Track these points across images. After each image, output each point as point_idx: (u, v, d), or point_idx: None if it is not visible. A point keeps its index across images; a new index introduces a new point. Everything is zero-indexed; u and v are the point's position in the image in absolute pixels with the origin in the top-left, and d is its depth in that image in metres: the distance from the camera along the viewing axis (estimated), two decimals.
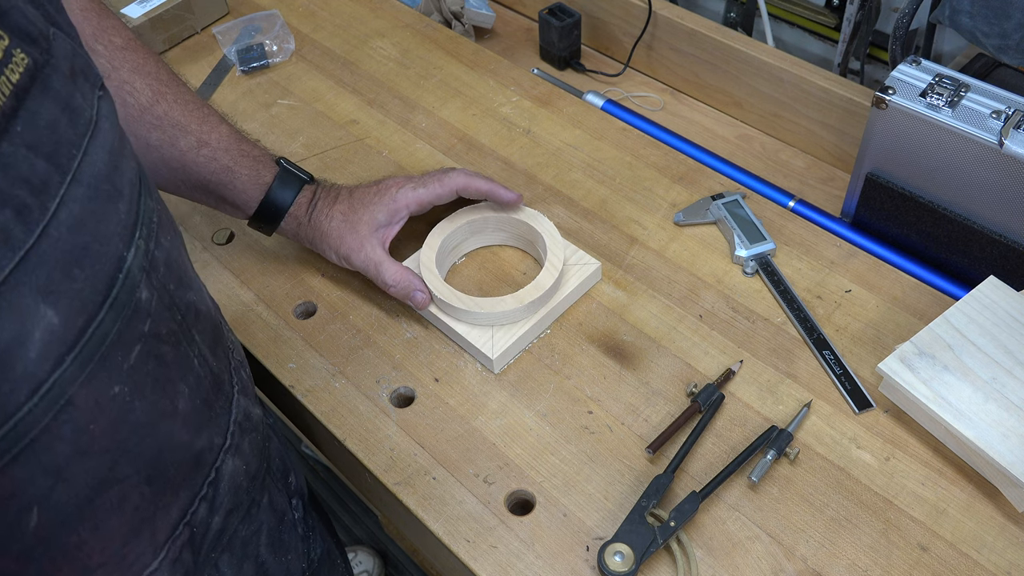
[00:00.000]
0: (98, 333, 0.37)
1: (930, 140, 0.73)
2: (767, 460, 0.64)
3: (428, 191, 0.75)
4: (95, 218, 0.37)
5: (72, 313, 0.36)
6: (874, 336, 0.73)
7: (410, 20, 1.08)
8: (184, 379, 0.45)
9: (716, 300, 0.76)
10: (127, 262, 0.39)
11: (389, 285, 0.73)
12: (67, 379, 0.36)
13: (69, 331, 0.36)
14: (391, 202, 0.74)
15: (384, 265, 0.73)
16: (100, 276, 0.38)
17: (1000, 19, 0.74)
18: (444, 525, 0.63)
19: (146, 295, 0.41)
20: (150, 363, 0.42)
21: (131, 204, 0.41)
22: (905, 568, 0.60)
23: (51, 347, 0.35)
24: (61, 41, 0.37)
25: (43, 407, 0.35)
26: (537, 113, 0.95)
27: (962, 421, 0.62)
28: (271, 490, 0.59)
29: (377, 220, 0.74)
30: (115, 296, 0.38)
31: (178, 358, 0.45)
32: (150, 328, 0.42)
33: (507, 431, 0.68)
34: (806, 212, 0.86)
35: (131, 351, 0.40)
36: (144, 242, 0.41)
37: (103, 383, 0.38)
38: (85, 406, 0.37)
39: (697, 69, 1.01)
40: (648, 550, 0.59)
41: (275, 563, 0.59)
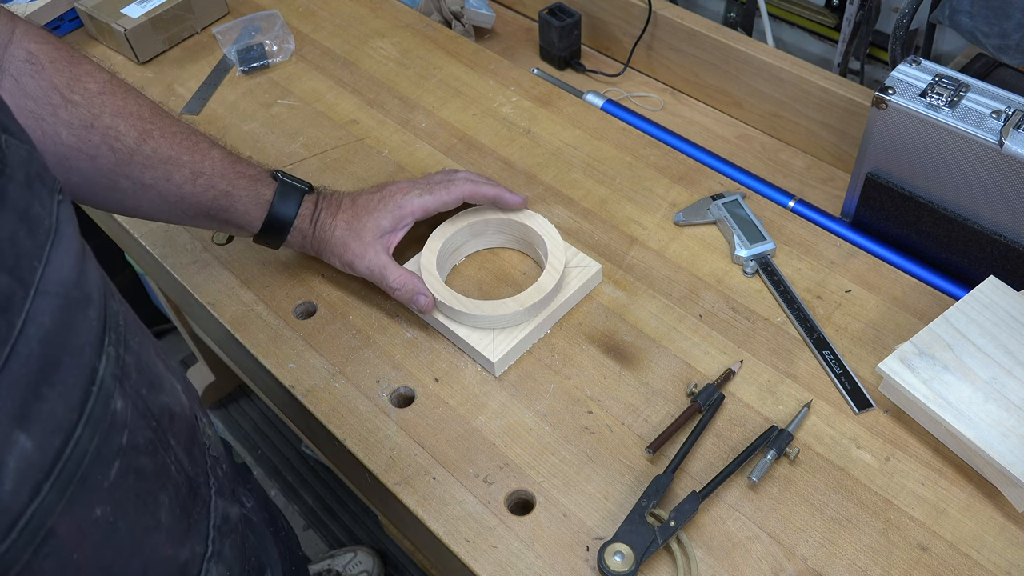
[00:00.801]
0: (75, 453, 0.35)
1: (930, 140, 0.73)
2: (767, 460, 0.64)
3: (435, 199, 0.75)
4: (66, 329, 0.35)
5: (47, 436, 0.34)
6: (874, 336, 0.73)
7: (410, 20, 1.08)
8: (164, 489, 0.43)
9: (716, 300, 0.76)
10: (99, 372, 0.37)
11: (394, 289, 0.72)
12: (46, 508, 0.34)
13: (45, 456, 0.34)
14: (396, 208, 0.74)
15: (388, 269, 0.72)
16: (74, 391, 0.35)
17: (1000, 19, 0.74)
18: (444, 525, 0.63)
19: (121, 404, 0.39)
20: (130, 478, 0.40)
21: (99, 309, 0.39)
22: (905, 568, 0.60)
23: (27, 476, 0.33)
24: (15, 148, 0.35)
25: (23, 542, 0.33)
26: (537, 113, 0.95)
27: (962, 421, 0.62)
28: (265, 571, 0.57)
29: (382, 227, 0.73)
30: (90, 410, 0.36)
31: (157, 468, 0.43)
32: (127, 440, 0.39)
33: (507, 431, 0.68)
34: (806, 212, 0.86)
35: (110, 468, 0.38)
36: (114, 348, 0.39)
37: (84, 507, 0.36)
38: (67, 535, 0.35)
39: (697, 69, 1.01)
40: (648, 550, 0.59)
41: None
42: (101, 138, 0.63)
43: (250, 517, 0.61)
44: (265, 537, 0.64)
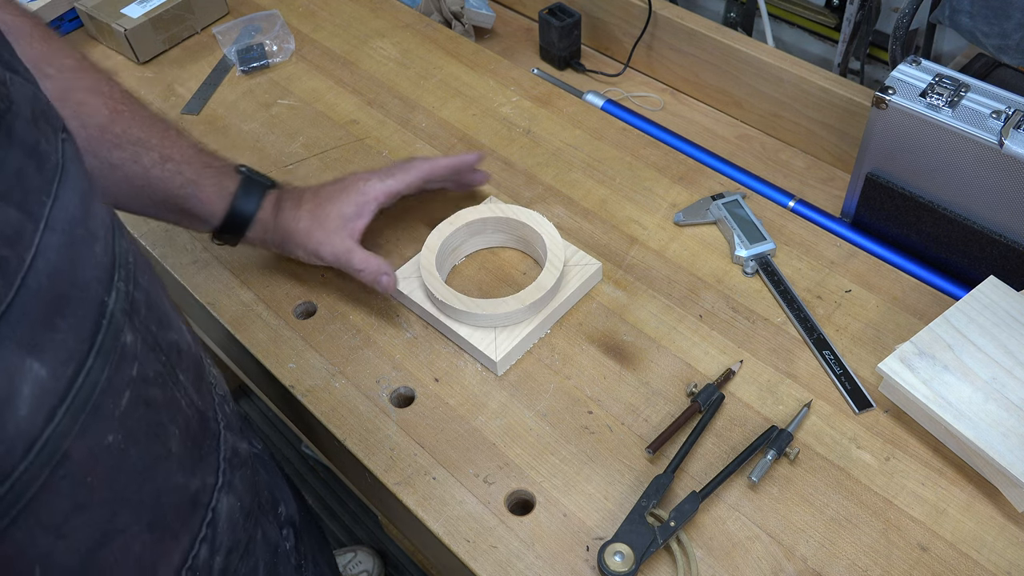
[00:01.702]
0: (87, 382, 0.36)
1: (930, 140, 0.73)
2: (767, 460, 0.64)
3: (396, 181, 0.76)
4: (73, 265, 0.36)
5: (59, 364, 0.35)
6: (874, 336, 0.73)
7: (410, 20, 1.08)
8: (174, 421, 0.44)
9: (716, 300, 0.76)
10: (109, 307, 0.38)
11: (358, 270, 0.73)
12: (61, 433, 0.35)
13: (58, 383, 0.35)
14: (359, 195, 0.75)
15: (353, 252, 0.73)
16: (84, 324, 0.37)
17: (1000, 19, 0.74)
18: (444, 525, 0.63)
19: (131, 339, 0.40)
20: (140, 408, 0.41)
21: (107, 247, 0.40)
22: (905, 568, 0.60)
23: (42, 401, 0.34)
24: (20, 86, 0.36)
25: (39, 464, 0.34)
26: (537, 113, 0.95)
27: (962, 421, 0.62)
28: (264, 524, 0.58)
29: (345, 214, 0.74)
30: (100, 343, 0.37)
31: (166, 401, 0.44)
32: (137, 372, 0.41)
33: (507, 431, 0.68)
34: (806, 212, 0.86)
35: (121, 398, 0.39)
36: (123, 284, 0.40)
37: (97, 433, 0.37)
38: (81, 459, 0.37)
39: (697, 69, 1.01)
40: (648, 550, 0.59)
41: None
42: (72, 112, 0.64)
43: (261, 455, 0.62)
44: (277, 475, 0.65)
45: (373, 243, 0.82)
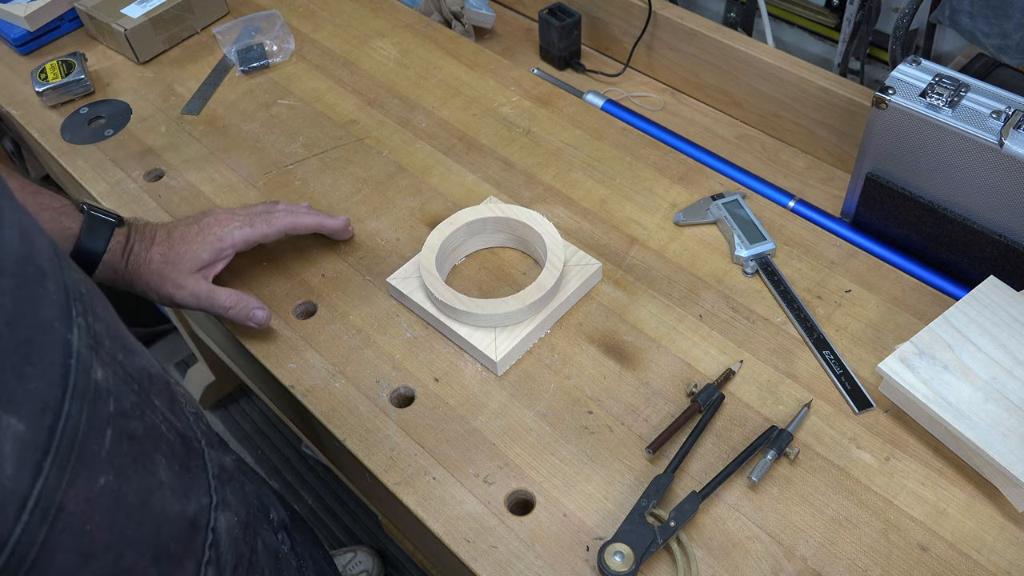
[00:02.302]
0: (68, 428, 0.35)
1: (930, 140, 0.73)
2: (767, 460, 0.64)
3: (255, 231, 0.75)
4: (29, 306, 0.35)
5: (36, 415, 0.34)
6: (874, 336, 0.73)
7: (410, 20, 1.08)
8: (158, 449, 0.44)
9: (716, 300, 0.76)
10: (73, 344, 0.37)
11: (227, 308, 0.72)
12: (51, 486, 0.34)
13: (39, 435, 0.34)
14: (216, 241, 0.73)
15: (216, 293, 0.72)
16: (53, 367, 0.35)
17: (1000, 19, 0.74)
18: (444, 525, 0.63)
19: (101, 374, 0.39)
20: (124, 444, 0.40)
21: (58, 282, 0.38)
22: (905, 568, 0.60)
23: (25, 458, 0.33)
24: None
25: (36, 522, 0.33)
26: (537, 113, 0.95)
27: (962, 421, 0.62)
28: (262, 534, 0.58)
29: (201, 259, 0.72)
30: (73, 384, 0.36)
31: (147, 430, 0.43)
32: (115, 408, 0.40)
33: (507, 431, 0.68)
34: (806, 212, 0.86)
35: (104, 437, 0.38)
36: (83, 319, 0.39)
37: (87, 479, 0.36)
38: (76, 508, 0.36)
39: (697, 69, 1.01)
40: (648, 550, 0.59)
41: None
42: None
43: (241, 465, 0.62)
44: (260, 482, 0.65)
45: (374, 243, 0.82)
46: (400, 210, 0.85)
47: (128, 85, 1.02)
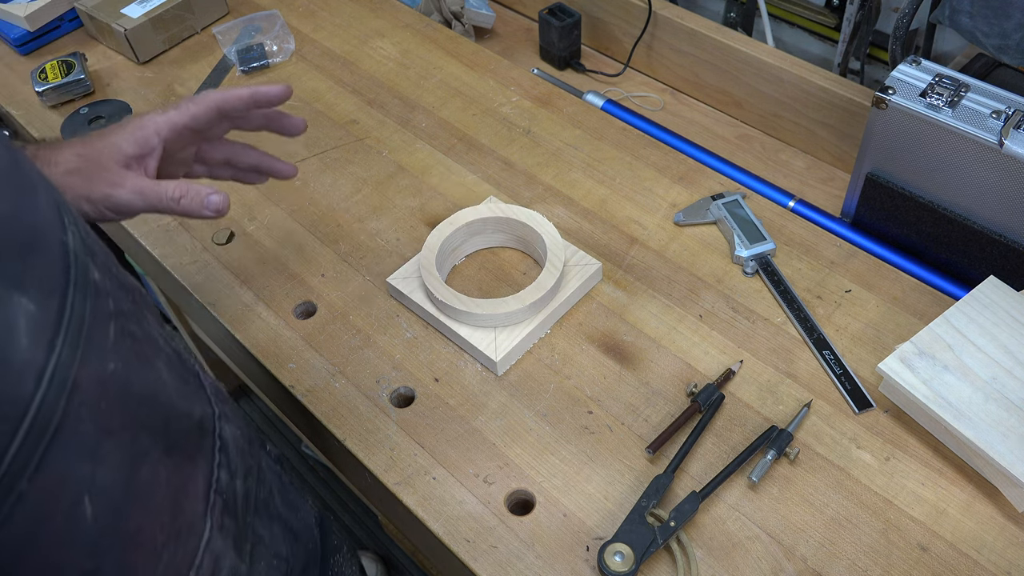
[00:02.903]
0: (75, 315, 0.38)
1: (930, 140, 0.73)
2: (767, 460, 0.64)
3: (180, 112, 0.66)
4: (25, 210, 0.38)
5: (44, 298, 0.36)
6: (874, 336, 0.73)
7: (410, 20, 1.08)
8: (158, 356, 0.46)
9: (716, 300, 0.76)
10: (69, 246, 0.40)
11: (178, 199, 0.64)
12: (65, 362, 0.36)
13: (49, 315, 0.36)
14: (137, 129, 0.65)
15: (162, 184, 0.64)
16: (54, 261, 0.38)
17: (1000, 19, 0.74)
18: (444, 525, 0.63)
19: (98, 276, 0.41)
20: (127, 340, 0.42)
21: (48, 195, 0.40)
22: (905, 568, 0.60)
23: (38, 334, 0.35)
24: None
25: (54, 393, 0.35)
26: (537, 113, 0.95)
27: (962, 421, 0.62)
28: (263, 456, 0.60)
29: (123, 151, 0.64)
30: (74, 278, 0.39)
31: (144, 335, 0.45)
32: (114, 307, 0.42)
33: (507, 431, 0.68)
34: (806, 212, 0.86)
35: (108, 329, 0.40)
36: (74, 227, 0.41)
37: (98, 362, 0.39)
38: (90, 386, 0.38)
39: (697, 69, 1.01)
40: (648, 550, 0.59)
41: (295, 520, 0.61)
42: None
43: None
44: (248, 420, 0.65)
45: (374, 243, 0.82)
46: (400, 210, 0.85)
47: (128, 85, 1.02)
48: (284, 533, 0.59)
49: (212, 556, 0.48)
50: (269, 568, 0.55)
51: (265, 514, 0.56)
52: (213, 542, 0.48)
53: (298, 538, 0.61)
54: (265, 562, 0.55)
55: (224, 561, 0.49)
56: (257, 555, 0.54)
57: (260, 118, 0.73)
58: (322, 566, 0.65)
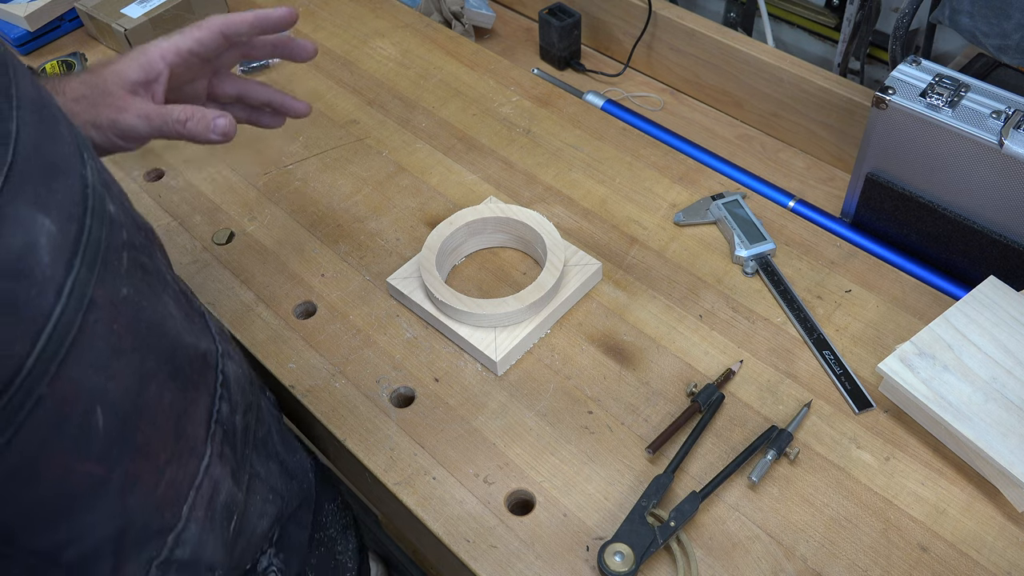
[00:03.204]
0: (91, 240, 0.40)
1: (930, 140, 0.73)
2: (767, 460, 0.64)
3: (184, 37, 0.66)
4: (50, 139, 0.40)
5: (64, 221, 0.38)
6: (874, 336, 0.73)
7: (410, 20, 1.08)
8: (165, 290, 0.48)
9: (716, 300, 0.76)
10: (88, 178, 0.42)
11: (184, 121, 0.64)
12: (82, 280, 0.39)
13: (67, 238, 0.38)
14: (141, 55, 0.65)
15: (168, 108, 0.64)
16: (74, 189, 0.40)
17: (1000, 19, 0.74)
18: (444, 525, 0.63)
19: (113, 208, 0.43)
20: (138, 271, 0.45)
21: (69, 128, 0.43)
22: (905, 568, 0.60)
23: (58, 252, 0.37)
24: None
25: (72, 308, 0.38)
26: (537, 113, 0.95)
27: (962, 421, 0.62)
28: (263, 398, 0.62)
29: (128, 77, 0.64)
30: (92, 207, 0.41)
31: (155, 269, 0.47)
32: (127, 238, 0.44)
33: (507, 431, 0.68)
34: (806, 212, 0.86)
35: (122, 257, 0.43)
36: (92, 162, 0.43)
37: (112, 285, 0.41)
38: (105, 306, 0.40)
39: (697, 69, 1.01)
40: (648, 550, 0.59)
41: (291, 461, 0.63)
42: None
43: None
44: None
45: (374, 243, 0.82)
46: (400, 210, 0.85)
47: None
48: (280, 471, 0.61)
49: (211, 480, 0.50)
50: (264, 502, 0.58)
51: (263, 451, 0.59)
52: (213, 467, 0.51)
53: (293, 477, 0.63)
54: (260, 495, 0.57)
55: (222, 486, 0.52)
56: (253, 488, 0.56)
57: (268, 45, 0.72)
58: (315, 511, 0.67)
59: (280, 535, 0.61)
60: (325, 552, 0.68)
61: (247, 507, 0.55)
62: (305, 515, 0.65)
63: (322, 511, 0.69)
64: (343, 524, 0.73)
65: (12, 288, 0.35)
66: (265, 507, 0.58)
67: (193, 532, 0.49)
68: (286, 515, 0.61)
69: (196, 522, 0.49)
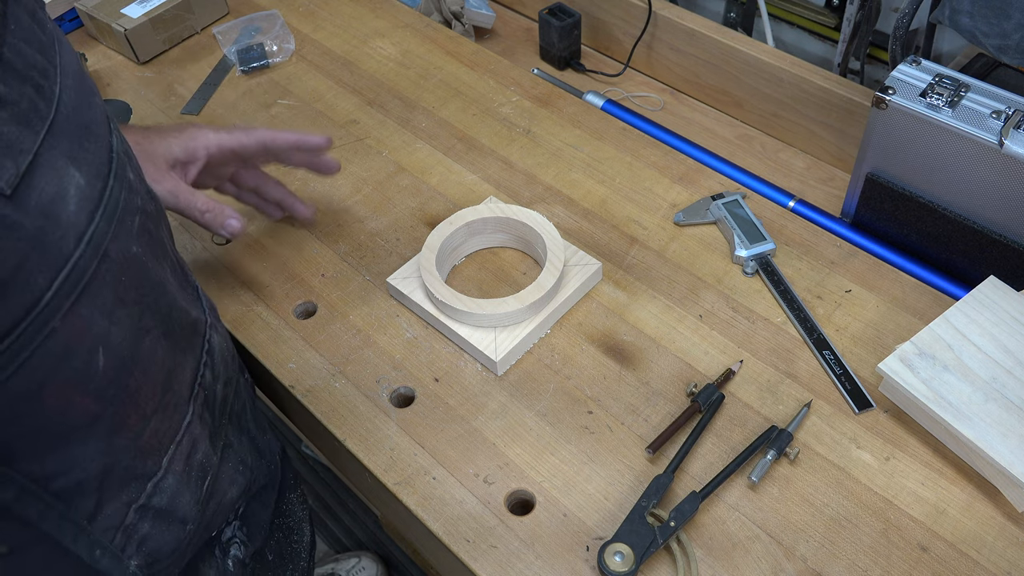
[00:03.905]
0: (112, 198, 0.44)
1: (930, 140, 0.73)
2: (767, 460, 0.64)
3: (231, 137, 0.74)
4: (85, 105, 0.44)
5: (92, 178, 0.42)
6: (874, 336, 0.73)
7: (410, 20, 1.08)
8: (166, 259, 0.52)
9: (716, 300, 0.76)
10: (114, 145, 0.46)
11: (203, 211, 0.71)
12: (101, 232, 0.42)
13: (93, 192, 0.42)
14: (189, 139, 0.72)
15: (195, 194, 0.71)
16: (102, 151, 0.44)
17: (1000, 19, 0.74)
18: (444, 525, 0.63)
19: (132, 176, 0.48)
20: (147, 234, 0.49)
21: (100, 101, 0.47)
22: (905, 568, 0.60)
23: (83, 203, 0.41)
24: None
25: (89, 255, 0.42)
26: (537, 113, 0.95)
27: (962, 421, 0.62)
28: (241, 377, 0.65)
29: (173, 153, 0.71)
30: (115, 170, 0.45)
31: (160, 238, 0.52)
32: (142, 204, 0.48)
33: (507, 431, 0.68)
34: (806, 212, 0.86)
35: (135, 219, 0.47)
36: (117, 133, 0.47)
37: (124, 242, 0.45)
38: (117, 258, 0.44)
39: (697, 69, 1.01)
40: (648, 550, 0.59)
41: (261, 440, 0.67)
42: None
43: None
44: None
45: (374, 243, 0.82)
46: (400, 210, 0.85)
47: (128, 85, 1.02)
48: (251, 447, 0.65)
49: (191, 438, 0.54)
50: (235, 471, 0.61)
51: (237, 424, 0.63)
52: (193, 426, 0.54)
53: (263, 456, 0.67)
54: (232, 464, 0.61)
55: (200, 446, 0.55)
56: (226, 456, 0.60)
57: (300, 157, 0.79)
58: (278, 495, 0.71)
59: (245, 510, 0.64)
60: (283, 537, 0.72)
61: (220, 471, 0.59)
62: (269, 495, 0.69)
63: (284, 499, 0.73)
64: (300, 517, 0.75)
65: (42, 227, 0.39)
66: (235, 476, 0.61)
67: (171, 483, 0.52)
68: (253, 490, 0.65)
69: (174, 474, 0.53)
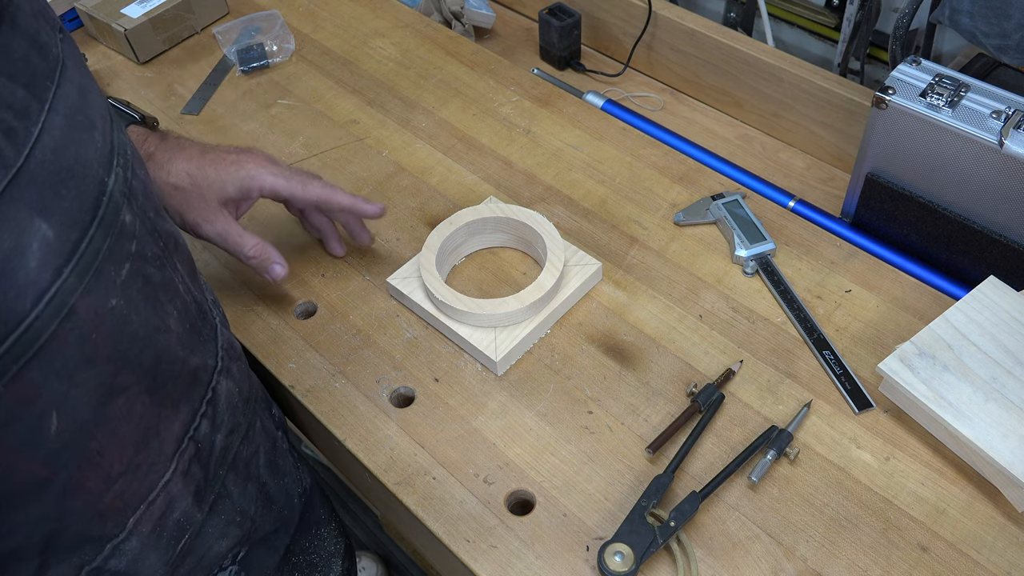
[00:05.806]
0: (90, 249, 0.40)
1: (930, 140, 0.73)
2: (767, 460, 0.64)
3: (288, 186, 0.72)
4: (75, 144, 0.40)
5: (65, 228, 0.39)
6: (874, 336, 0.73)
7: (410, 20, 1.08)
8: (171, 302, 0.48)
9: (716, 300, 0.76)
10: (108, 186, 0.42)
11: (249, 257, 0.71)
12: (68, 289, 0.39)
13: (64, 244, 0.39)
14: (247, 179, 0.70)
15: (244, 236, 0.70)
16: (86, 197, 0.41)
17: (1000, 19, 0.74)
18: (444, 525, 0.63)
19: (129, 218, 0.44)
20: (139, 281, 0.45)
21: (105, 135, 0.44)
22: (905, 568, 0.60)
23: (49, 258, 0.38)
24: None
25: (48, 314, 0.38)
26: (537, 113, 0.95)
27: (962, 421, 0.62)
28: (261, 416, 0.62)
29: (227, 192, 0.70)
30: (102, 215, 0.41)
31: (164, 281, 0.48)
32: (136, 249, 0.45)
33: (507, 431, 0.68)
34: (806, 212, 0.86)
35: (122, 268, 0.43)
36: (121, 170, 0.44)
37: (101, 295, 0.41)
38: (87, 316, 0.40)
39: (697, 69, 1.01)
40: (648, 550, 0.59)
41: (275, 485, 0.63)
42: None
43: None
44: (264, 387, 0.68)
45: (375, 243, 0.82)
46: (400, 210, 0.85)
47: (128, 85, 1.02)
48: (258, 494, 0.60)
49: (167, 497, 0.50)
50: (229, 523, 0.57)
51: (243, 472, 0.58)
52: (173, 484, 0.50)
53: (272, 503, 0.63)
54: (226, 516, 0.57)
55: (179, 504, 0.51)
56: (219, 508, 0.56)
57: (347, 217, 0.79)
58: (297, 535, 0.67)
59: (246, 555, 0.60)
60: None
61: (205, 527, 0.55)
62: (280, 539, 0.65)
63: (308, 535, 0.69)
64: (330, 552, 0.72)
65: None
66: (227, 529, 0.57)
67: (134, 545, 0.49)
68: (255, 538, 0.61)
69: (139, 536, 0.49)
